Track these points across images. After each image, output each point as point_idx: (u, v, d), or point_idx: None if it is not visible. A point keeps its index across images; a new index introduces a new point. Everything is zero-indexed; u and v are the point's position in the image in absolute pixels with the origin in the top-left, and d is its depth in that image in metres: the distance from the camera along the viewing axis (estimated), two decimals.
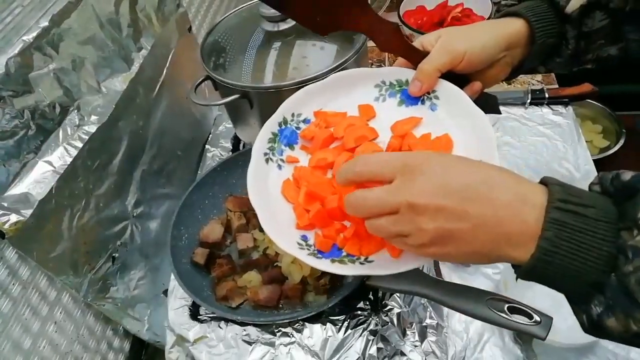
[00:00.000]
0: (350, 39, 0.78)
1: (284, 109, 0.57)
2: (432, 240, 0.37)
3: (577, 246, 0.33)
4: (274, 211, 0.51)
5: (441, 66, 0.53)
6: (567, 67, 0.59)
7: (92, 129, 0.71)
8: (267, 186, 0.53)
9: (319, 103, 0.58)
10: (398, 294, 0.66)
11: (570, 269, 0.34)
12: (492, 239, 0.36)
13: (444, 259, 0.43)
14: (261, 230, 0.76)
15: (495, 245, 0.36)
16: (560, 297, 0.36)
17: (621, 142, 1.38)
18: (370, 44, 0.61)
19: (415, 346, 0.64)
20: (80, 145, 0.69)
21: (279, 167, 0.55)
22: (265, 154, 0.55)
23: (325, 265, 0.46)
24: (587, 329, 0.35)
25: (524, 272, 0.36)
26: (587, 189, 0.37)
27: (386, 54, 1.21)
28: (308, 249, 0.48)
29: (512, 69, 0.58)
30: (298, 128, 0.58)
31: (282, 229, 0.50)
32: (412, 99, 0.56)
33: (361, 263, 0.48)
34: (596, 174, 0.37)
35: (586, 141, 0.88)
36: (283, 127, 0.57)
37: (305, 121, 0.58)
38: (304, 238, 0.50)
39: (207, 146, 1.01)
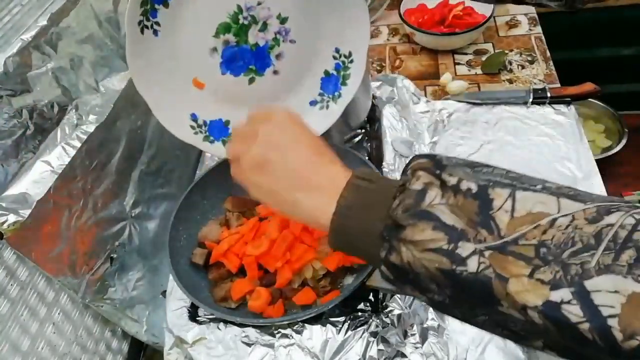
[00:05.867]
0: None
1: None
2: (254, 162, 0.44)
3: (366, 204, 0.38)
4: (162, 90, 0.49)
5: None
6: None
7: (91, 128, 0.70)
8: (152, 62, 0.49)
9: None
10: (398, 295, 0.65)
11: (363, 225, 0.38)
12: (299, 182, 0.43)
13: (257, 190, 0.47)
14: None
15: (300, 186, 0.43)
16: None
17: (623, 141, 1.38)
18: (371, 42, 0.61)
19: (416, 348, 0.64)
20: (78, 145, 0.68)
21: (155, 33, 0.50)
22: (140, 22, 0.49)
23: (218, 149, 0.51)
24: (385, 276, 0.38)
25: (331, 233, 0.40)
26: (588, 189, 0.37)
27: (386, 52, 1.20)
28: (201, 132, 0.50)
29: None
30: None
31: (173, 112, 0.49)
32: None
33: None
34: (598, 173, 0.37)
35: (588, 141, 0.87)
36: None
37: None
38: (194, 117, 0.50)
39: None
